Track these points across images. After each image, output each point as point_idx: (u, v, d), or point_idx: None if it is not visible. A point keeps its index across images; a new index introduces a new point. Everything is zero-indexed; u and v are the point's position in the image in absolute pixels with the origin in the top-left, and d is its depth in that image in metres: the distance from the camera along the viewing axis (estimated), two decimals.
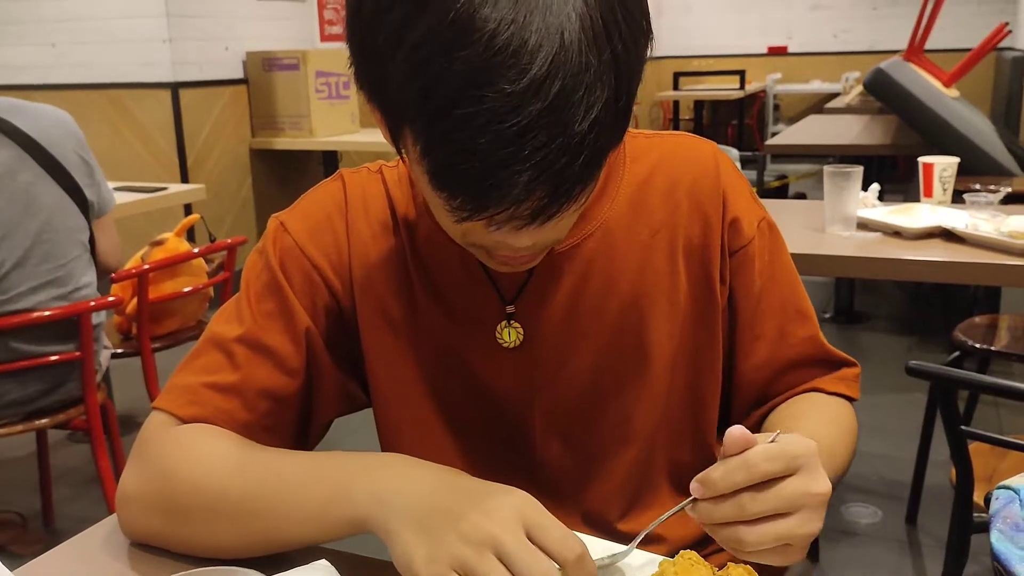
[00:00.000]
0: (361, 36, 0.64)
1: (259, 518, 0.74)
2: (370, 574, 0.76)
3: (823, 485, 0.63)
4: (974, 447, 1.55)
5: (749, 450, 0.63)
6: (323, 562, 0.71)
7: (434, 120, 0.60)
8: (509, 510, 0.62)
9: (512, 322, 0.84)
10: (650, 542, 0.75)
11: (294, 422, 0.86)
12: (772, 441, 0.64)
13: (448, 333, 0.86)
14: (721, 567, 0.65)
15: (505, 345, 0.85)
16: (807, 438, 0.65)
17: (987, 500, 0.82)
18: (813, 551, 2.20)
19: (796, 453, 0.63)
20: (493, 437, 0.88)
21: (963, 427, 1.45)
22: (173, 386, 0.83)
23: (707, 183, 0.86)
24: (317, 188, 0.89)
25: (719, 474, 0.63)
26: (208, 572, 0.54)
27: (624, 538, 0.85)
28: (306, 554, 0.76)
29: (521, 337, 0.84)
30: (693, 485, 0.64)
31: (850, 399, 0.92)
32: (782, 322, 0.89)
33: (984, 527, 0.83)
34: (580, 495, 0.88)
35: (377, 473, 0.70)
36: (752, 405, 0.92)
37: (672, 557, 0.66)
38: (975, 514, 1.52)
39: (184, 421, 0.81)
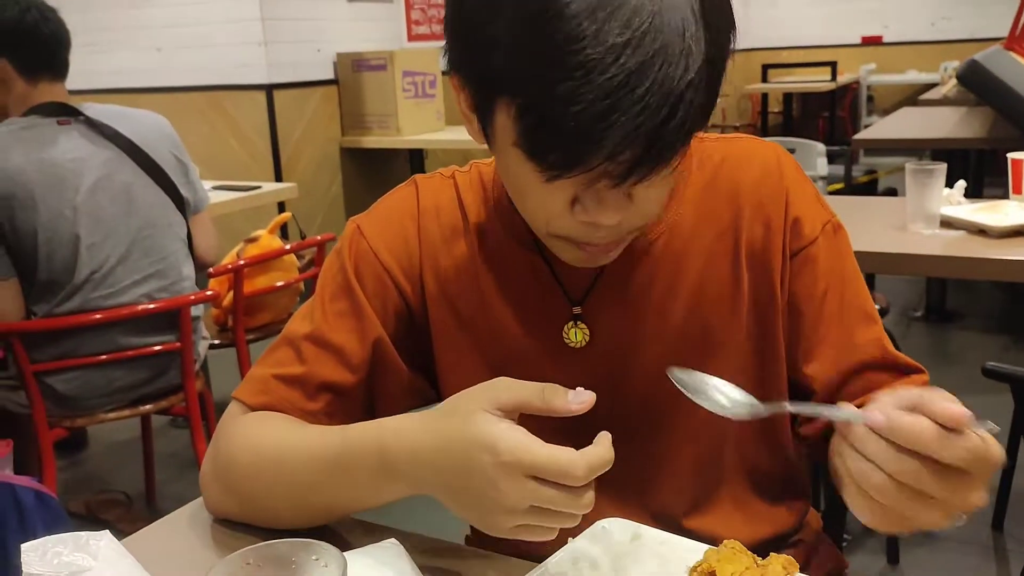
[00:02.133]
0: (460, 9, 0.70)
1: (314, 494, 0.80)
2: (435, 553, 0.81)
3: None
4: None
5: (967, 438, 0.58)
6: (392, 541, 0.77)
7: (537, 74, 0.64)
8: (503, 471, 0.65)
9: (579, 323, 0.87)
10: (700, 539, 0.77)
11: (356, 414, 0.90)
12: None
13: (516, 334, 0.89)
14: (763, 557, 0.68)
15: (572, 345, 0.88)
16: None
17: None
18: (892, 553, 2.17)
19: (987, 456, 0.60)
20: (559, 433, 0.90)
21: None
22: (249, 378, 0.90)
23: (769, 185, 0.87)
24: (393, 193, 0.94)
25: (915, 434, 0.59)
26: (285, 544, 0.60)
27: (690, 536, 0.87)
28: (376, 534, 0.82)
29: (588, 338, 0.87)
30: (874, 416, 0.61)
31: None
32: (847, 325, 0.87)
33: None
34: (646, 493, 0.90)
35: (399, 449, 0.74)
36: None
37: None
38: None
39: (253, 409, 0.88)
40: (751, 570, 0.66)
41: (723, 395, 0.71)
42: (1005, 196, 2.15)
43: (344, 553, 0.72)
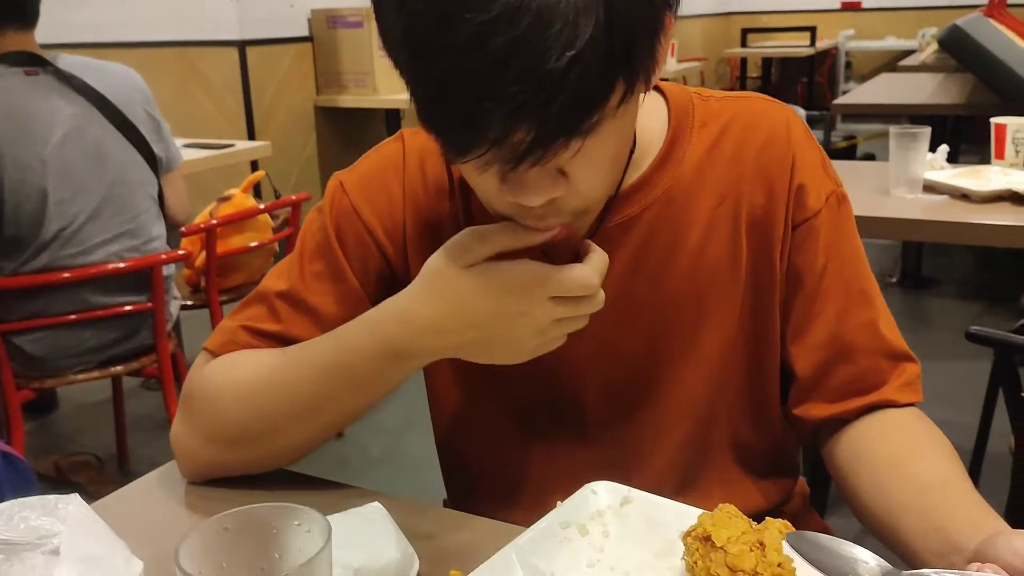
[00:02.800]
0: None
1: (317, 406, 0.79)
2: (420, 516, 0.79)
3: None
4: None
5: None
6: (375, 504, 0.74)
7: (415, 54, 0.61)
8: (530, 303, 0.70)
9: None
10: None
11: None
12: None
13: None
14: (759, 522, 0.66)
15: None
16: None
17: None
18: None
19: None
20: (545, 408, 0.88)
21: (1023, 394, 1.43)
22: (219, 329, 0.88)
23: (776, 149, 0.82)
24: (378, 148, 0.90)
25: None
26: (265, 508, 0.57)
27: None
28: (359, 498, 0.80)
29: None
30: None
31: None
32: (844, 303, 0.83)
33: None
34: (634, 470, 0.87)
35: (398, 325, 0.75)
36: (807, 389, 0.85)
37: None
38: None
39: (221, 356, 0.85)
40: (747, 534, 0.64)
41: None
42: (981, 163, 2.15)
43: (330, 516, 0.70)
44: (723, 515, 0.66)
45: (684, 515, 0.73)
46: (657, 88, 0.85)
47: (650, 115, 0.83)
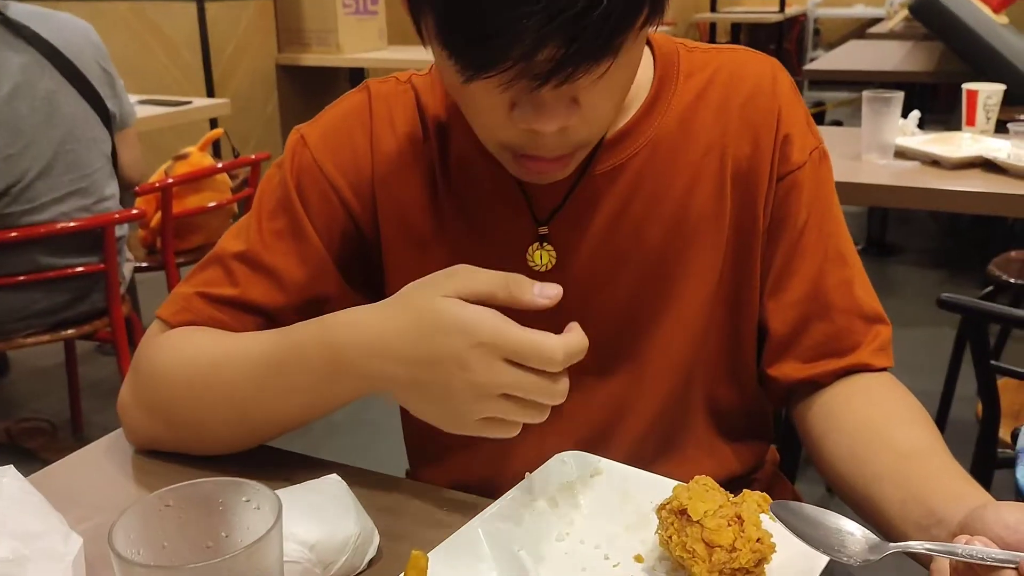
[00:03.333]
0: None
1: (254, 405, 0.74)
2: (379, 487, 0.76)
3: None
4: (1002, 383, 1.52)
5: None
6: (334, 476, 0.71)
7: None
8: (478, 354, 0.62)
9: (545, 244, 0.80)
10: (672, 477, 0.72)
11: None
12: None
13: (476, 253, 0.80)
14: (737, 493, 0.64)
15: (536, 268, 0.80)
16: None
17: (1014, 436, 0.79)
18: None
19: None
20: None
21: (993, 362, 1.42)
22: (173, 296, 0.83)
23: (761, 100, 0.81)
24: (341, 100, 0.86)
25: None
26: (211, 483, 0.53)
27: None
28: (317, 469, 0.76)
29: (554, 260, 0.80)
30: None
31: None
32: (822, 260, 0.81)
33: (1007, 463, 0.81)
34: (614, 436, 0.84)
35: (341, 332, 0.70)
36: (782, 347, 0.83)
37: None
38: (999, 449, 1.51)
39: (176, 328, 0.81)
40: (725, 507, 0.61)
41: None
42: (946, 130, 2.14)
43: (285, 489, 0.66)
44: (699, 488, 0.63)
45: (656, 486, 0.70)
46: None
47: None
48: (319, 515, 0.64)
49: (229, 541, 0.53)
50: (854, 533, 0.58)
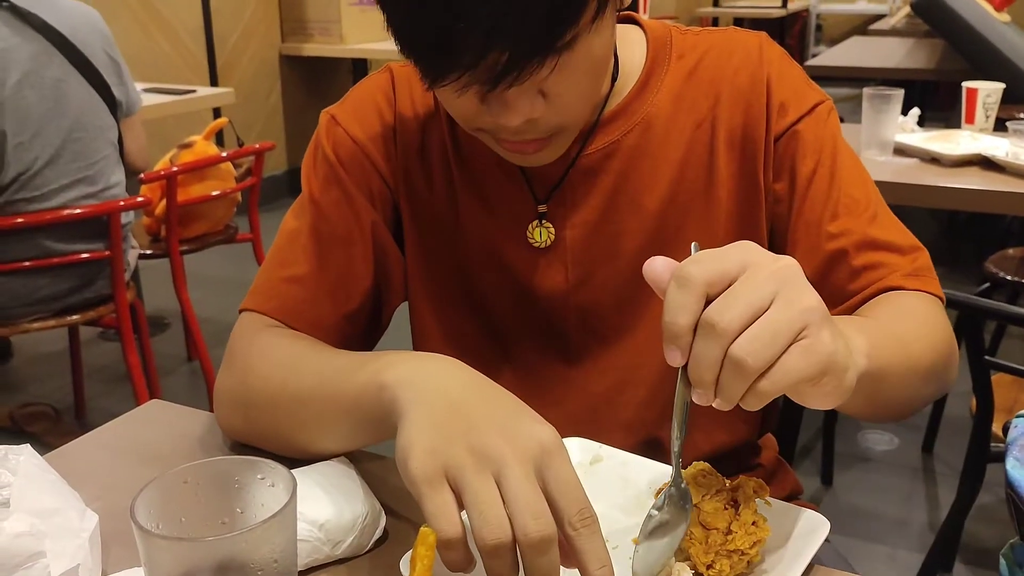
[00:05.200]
0: None
1: (304, 410, 0.73)
2: (385, 470, 0.78)
3: (778, 261, 0.54)
4: (996, 379, 1.54)
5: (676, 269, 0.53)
6: (342, 459, 0.72)
7: None
8: (531, 440, 0.54)
9: (544, 222, 0.84)
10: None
11: (368, 307, 0.87)
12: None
13: (485, 227, 0.86)
14: (733, 479, 0.66)
15: (536, 245, 0.84)
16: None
17: (1005, 430, 0.81)
18: (826, 474, 2.22)
19: (724, 251, 0.54)
20: (529, 337, 0.88)
21: (987, 357, 1.44)
22: (255, 287, 0.85)
23: (748, 71, 0.83)
24: (366, 80, 0.90)
25: (668, 310, 0.53)
26: (227, 461, 0.55)
27: (663, 445, 0.85)
28: None
29: (552, 238, 0.84)
30: (666, 349, 0.55)
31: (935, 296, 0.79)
32: (834, 207, 0.80)
33: (1000, 457, 0.83)
34: (616, 404, 0.87)
35: (414, 362, 0.64)
36: None
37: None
38: (992, 444, 1.53)
39: (266, 315, 0.83)
40: (722, 493, 0.63)
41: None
42: (946, 128, 2.16)
43: (295, 470, 0.68)
44: (697, 473, 0.65)
45: (656, 471, 0.72)
46: (640, 24, 0.87)
47: (631, 47, 0.84)
48: (328, 496, 0.66)
49: (244, 517, 0.54)
50: None
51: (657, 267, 0.56)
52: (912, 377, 0.71)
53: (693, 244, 0.58)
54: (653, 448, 0.85)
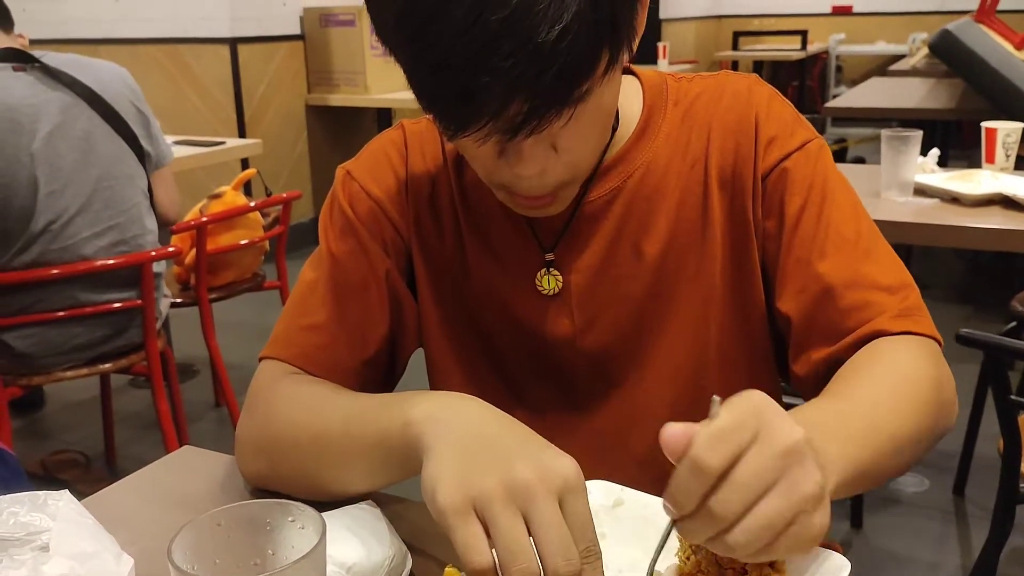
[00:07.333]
0: None
1: (329, 450, 0.75)
2: (413, 514, 0.79)
3: (787, 437, 0.53)
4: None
5: (692, 448, 0.53)
6: (368, 502, 0.74)
7: (412, 39, 0.64)
8: (557, 474, 0.56)
9: (551, 270, 0.87)
10: None
11: (384, 353, 0.90)
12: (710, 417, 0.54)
13: (493, 276, 0.89)
14: None
15: (545, 293, 0.87)
16: (753, 391, 0.56)
17: None
18: (856, 517, 2.20)
19: (740, 422, 0.53)
20: (539, 380, 0.90)
21: (1013, 397, 1.43)
22: (274, 336, 0.88)
23: (737, 110, 0.85)
24: (379, 136, 0.94)
25: (675, 488, 0.53)
26: (258, 504, 0.57)
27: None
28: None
29: (560, 285, 0.87)
30: (664, 505, 0.55)
31: (927, 337, 0.79)
32: (821, 245, 0.80)
33: None
34: (629, 439, 0.88)
35: (438, 399, 0.67)
36: (802, 338, 0.82)
37: None
38: (1022, 484, 1.51)
39: (286, 362, 0.86)
40: None
41: None
42: (970, 167, 2.16)
43: (323, 513, 0.70)
44: None
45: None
46: (635, 74, 0.90)
47: (628, 97, 0.87)
48: (356, 538, 0.68)
49: (275, 559, 0.56)
50: None
51: (674, 435, 0.54)
52: (895, 456, 0.70)
53: (714, 399, 0.55)
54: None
